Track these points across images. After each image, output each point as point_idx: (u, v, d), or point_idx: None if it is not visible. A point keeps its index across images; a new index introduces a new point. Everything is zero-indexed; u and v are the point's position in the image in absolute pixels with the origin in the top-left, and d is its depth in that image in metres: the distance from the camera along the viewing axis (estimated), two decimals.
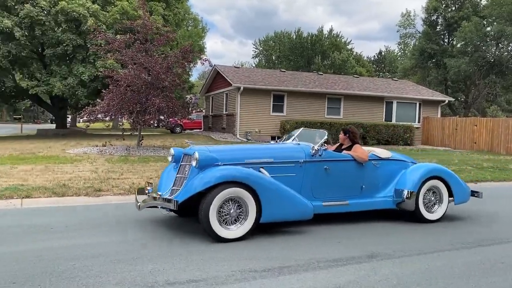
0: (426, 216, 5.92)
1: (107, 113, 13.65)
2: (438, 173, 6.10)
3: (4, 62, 18.05)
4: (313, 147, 5.51)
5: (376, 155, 6.09)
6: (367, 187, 5.89)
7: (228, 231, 4.71)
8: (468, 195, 6.35)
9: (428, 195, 5.99)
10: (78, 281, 3.54)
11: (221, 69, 24.52)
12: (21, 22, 18.01)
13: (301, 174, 5.47)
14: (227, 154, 5.34)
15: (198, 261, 4.12)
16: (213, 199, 4.61)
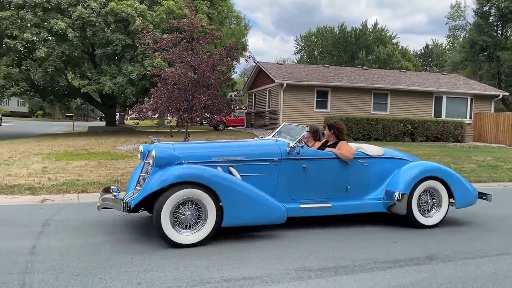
0: (420, 221, 5.29)
1: (155, 110, 13.96)
2: (435, 173, 5.42)
3: (58, 63, 18.89)
4: (288, 144, 5.02)
5: (364, 152, 5.51)
6: (354, 188, 5.33)
7: (182, 235, 4.32)
8: (475, 198, 5.63)
9: (425, 197, 5.36)
10: (136, 275, 3.62)
11: (264, 66, 24.51)
12: (74, 23, 18.77)
13: (276, 174, 5.01)
14: (192, 152, 4.95)
15: (252, 258, 4.11)
16: (165, 201, 4.24)
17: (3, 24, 18.25)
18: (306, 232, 5.02)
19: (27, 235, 4.71)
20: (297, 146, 5.03)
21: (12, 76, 18.97)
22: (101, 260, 3.94)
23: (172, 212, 4.29)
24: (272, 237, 4.85)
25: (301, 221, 5.30)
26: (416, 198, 5.27)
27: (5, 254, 4.04)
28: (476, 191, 5.68)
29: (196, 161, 4.76)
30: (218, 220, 4.41)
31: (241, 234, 4.89)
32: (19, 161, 10.72)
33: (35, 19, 18.54)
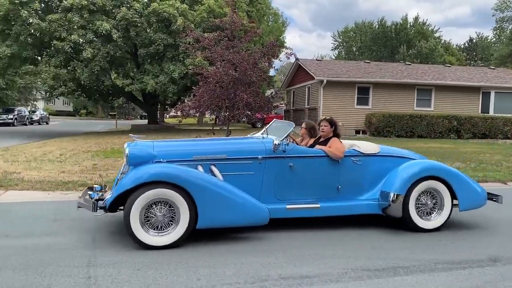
0: (419, 224, 4.89)
1: (198, 108, 14.14)
2: (435, 172, 4.99)
3: (103, 63, 19.51)
4: (273, 141, 4.77)
5: (357, 150, 5.16)
6: (346, 188, 5.01)
7: (152, 236, 4.17)
8: (483, 199, 5.18)
9: (424, 198, 4.96)
10: (195, 270, 3.67)
11: (303, 63, 24.33)
12: (118, 24, 19.33)
13: (260, 173, 4.78)
14: (172, 150, 4.80)
15: (308, 256, 4.08)
16: (134, 200, 4.11)
17: (52, 26, 19.02)
18: (359, 232, 4.92)
19: (85, 230, 4.87)
20: (282, 144, 4.77)
21: (60, 77, 19.78)
22: (160, 256, 4.02)
23: (143, 212, 4.15)
24: (318, 235, 4.79)
25: (339, 220, 5.23)
26: (413, 199, 4.88)
27: (68, 249, 4.19)
28: (485, 192, 5.22)
29: (175, 160, 4.61)
30: (191, 222, 4.22)
31: (293, 233, 4.87)
32: (70, 158, 11.15)
33: (81, 21, 19.21)
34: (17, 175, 8.38)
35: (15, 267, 3.65)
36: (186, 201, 4.18)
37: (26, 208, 6.05)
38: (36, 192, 7.12)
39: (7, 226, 5.02)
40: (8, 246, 4.24)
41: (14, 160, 10.43)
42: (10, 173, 8.54)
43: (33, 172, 8.79)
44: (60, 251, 4.09)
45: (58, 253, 4.04)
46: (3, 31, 20.31)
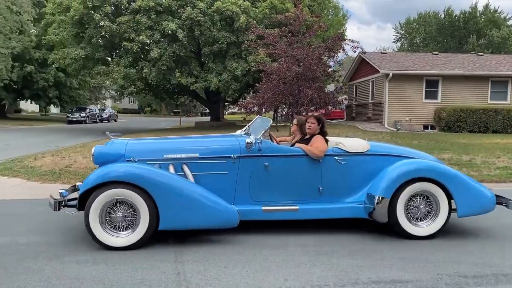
0: (407, 230, 4.45)
1: (261, 105, 14.18)
2: (428, 173, 4.48)
3: (170, 62, 20.12)
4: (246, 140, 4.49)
5: (341, 148, 4.74)
6: (328, 189, 4.66)
7: (112, 236, 4.07)
8: (490, 204, 4.61)
9: (417, 202, 4.51)
10: (282, 271, 3.63)
11: (366, 56, 23.61)
12: (183, 24, 19.83)
13: (234, 172, 4.55)
14: (143, 149, 4.68)
15: (398, 259, 3.91)
16: (93, 200, 4.02)
17: (121, 28, 19.90)
18: (442, 235, 4.65)
19: None
20: (255, 142, 4.48)
21: (129, 76, 20.64)
22: (246, 254, 4.03)
23: (103, 212, 4.08)
24: (400, 238, 4.56)
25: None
26: (402, 203, 4.44)
27: (155, 244, 4.31)
28: (493, 196, 4.63)
29: (147, 159, 4.51)
30: (152, 223, 4.09)
31: (375, 234, 4.70)
32: None
33: (149, 22, 19.92)
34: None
35: (107, 262, 3.81)
36: (146, 202, 4.06)
37: None
38: None
39: None
40: None
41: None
42: (91, 169, 9.02)
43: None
44: (149, 246, 4.22)
45: (147, 248, 4.17)
46: (78, 34, 21.54)
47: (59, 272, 3.55)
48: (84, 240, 4.32)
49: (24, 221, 5.20)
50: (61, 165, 9.61)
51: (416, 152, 5.21)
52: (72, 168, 9.27)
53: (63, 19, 21.06)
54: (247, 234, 4.61)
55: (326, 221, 4.75)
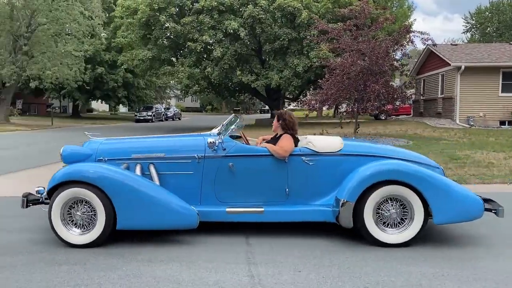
0: (376, 237, 4.09)
1: (325, 102, 13.87)
2: (397, 175, 4.08)
3: (232, 61, 20.35)
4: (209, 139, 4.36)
5: (309, 148, 4.43)
6: (296, 191, 4.39)
7: (73, 234, 4.12)
8: (475, 211, 4.11)
9: (389, 207, 4.12)
10: (361, 277, 3.43)
11: (435, 48, 22.38)
12: (245, 22, 19.96)
13: (199, 173, 4.43)
14: (113, 148, 4.65)
15: (484, 268, 3.56)
16: (55, 199, 4.10)
17: (186, 29, 20.41)
18: None
19: (239, 227, 4.94)
20: (217, 141, 4.35)
21: (194, 76, 21.14)
22: (320, 259, 3.87)
23: (64, 210, 4.12)
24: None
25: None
26: (371, 207, 4.09)
27: (225, 245, 4.26)
28: (479, 203, 4.12)
29: (116, 158, 4.51)
30: (109, 222, 4.07)
31: (443, 235, 4.34)
32: None
33: (211, 21, 20.26)
34: None
35: (182, 261, 3.81)
36: (102, 201, 4.06)
37: None
38: None
39: None
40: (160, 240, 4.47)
41: None
42: None
43: None
44: (221, 246, 4.18)
45: (220, 247, 4.15)
46: (145, 36, 22.41)
47: (137, 270, 3.59)
48: (153, 237, 4.38)
49: None
50: None
51: (405, 152, 4.76)
52: None
53: (131, 21, 22.00)
54: (320, 237, 4.45)
55: None
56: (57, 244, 4.19)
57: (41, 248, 4.13)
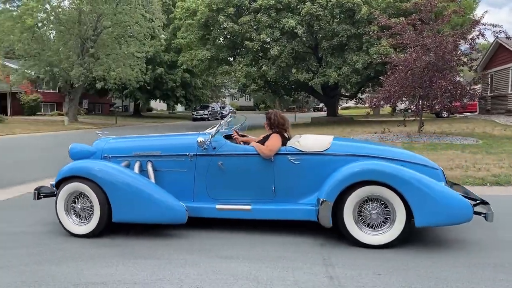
0: (356, 237, 4.07)
1: (388, 99, 13.43)
2: (377, 176, 4.01)
3: (289, 59, 20.27)
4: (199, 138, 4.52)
5: (295, 147, 4.45)
6: (282, 190, 4.45)
7: (74, 225, 4.49)
8: (462, 215, 3.91)
9: (372, 207, 4.08)
10: (446, 284, 3.25)
11: (505, 41, 21.01)
12: (302, 20, 19.80)
13: (192, 170, 4.62)
14: (116, 146, 4.95)
15: None
16: (60, 192, 4.52)
17: (243, 28, 20.58)
18: None
19: (320, 229, 4.87)
20: (207, 140, 4.51)
21: (251, 75, 21.28)
22: (400, 260, 3.73)
23: (68, 202, 4.51)
24: None
25: None
26: (351, 208, 4.08)
27: (302, 245, 4.21)
28: (467, 207, 3.91)
29: (118, 155, 4.83)
30: (104, 215, 4.36)
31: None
32: None
33: (269, 20, 20.28)
34: None
35: (262, 259, 3.81)
36: (97, 195, 4.36)
37: None
38: None
39: None
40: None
41: None
42: None
43: None
44: (298, 247, 4.14)
45: (296, 247, 4.11)
46: (203, 37, 22.88)
47: (215, 266, 3.64)
48: (234, 234, 4.41)
49: None
50: None
51: (398, 152, 4.56)
52: None
53: (190, 23, 22.52)
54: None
55: None
56: (139, 239, 4.36)
57: (121, 242, 4.31)
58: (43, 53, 25.93)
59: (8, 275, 3.51)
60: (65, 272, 3.54)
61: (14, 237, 4.54)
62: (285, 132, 4.74)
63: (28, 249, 4.13)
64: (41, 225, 4.93)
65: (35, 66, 27.00)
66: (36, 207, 5.53)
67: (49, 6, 25.91)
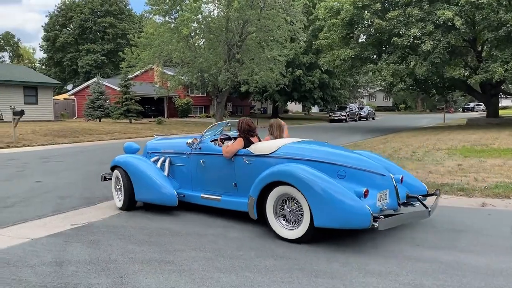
0: (276, 231, 4.56)
1: None
2: (284, 177, 4.45)
3: (443, 54, 18.39)
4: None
5: (248, 150, 5.14)
6: (241, 185, 5.13)
7: (118, 201, 6.14)
8: (356, 220, 4.02)
9: (286, 205, 4.52)
10: None
11: None
12: (461, 10, 17.77)
13: (189, 165, 5.77)
14: (154, 145, 6.49)
15: None
16: (111, 175, 6.33)
17: (391, 24, 19.34)
18: None
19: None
20: (196, 142, 5.69)
21: (398, 73, 19.90)
22: None
23: (116, 183, 6.19)
24: None
25: None
26: (272, 204, 4.60)
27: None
28: (364, 213, 3.95)
29: (153, 152, 6.33)
30: (130, 194, 5.88)
31: None
32: (426, 156, 10.67)
33: (421, 13, 18.69)
34: None
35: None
36: (123, 179, 5.94)
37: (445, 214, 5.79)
38: None
39: (425, 235, 4.74)
40: (434, 259, 3.87)
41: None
42: None
43: None
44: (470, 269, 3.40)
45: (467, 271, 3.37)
46: (346, 36, 22.20)
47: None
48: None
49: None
50: None
51: (345, 156, 4.72)
52: None
53: (334, 22, 22.03)
54: None
55: None
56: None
57: (296, 255, 4.06)
58: (195, 60, 28.13)
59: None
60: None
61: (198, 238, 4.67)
62: (252, 137, 5.47)
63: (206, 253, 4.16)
64: (221, 227, 5.01)
65: (189, 72, 29.44)
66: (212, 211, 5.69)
67: (201, 16, 28.00)
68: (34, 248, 4.39)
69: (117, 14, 55.59)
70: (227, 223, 5.23)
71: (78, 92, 38.90)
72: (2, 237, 4.84)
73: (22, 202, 6.57)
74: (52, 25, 56.46)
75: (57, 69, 57.50)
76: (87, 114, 28.85)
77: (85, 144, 16.57)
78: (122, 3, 57.31)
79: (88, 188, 7.62)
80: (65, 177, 8.77)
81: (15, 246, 4.47)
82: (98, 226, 5.25)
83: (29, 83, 28.39)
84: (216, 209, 5.47)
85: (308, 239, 4.33)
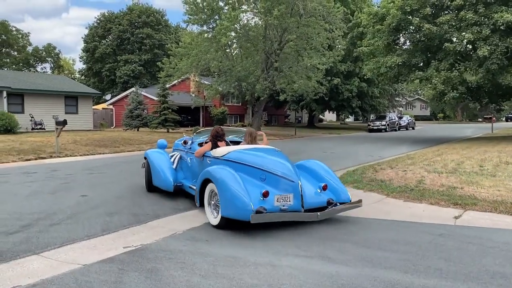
0: (208, 217, 5.75)
1: None
2: (209, 175, 5.67)
3: (502, 60, 17.14)
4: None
5: (210, 153, 6.49)
6: None
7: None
8: (243, 213, 5.01)
9: (213, 198, 5.72)
10: None
11: None
12: None
13: (185, 161, 7.46)
14: (177, 144, 8.14)
15: None
16: (144, 163, 8.35)
17: (442, 29, 18.27)
18: None
19: None
20: (189, 142, 7.52)
21: (451, 80, 18.75)
22: None
23: (145, 169, 8.27)
24: None
25: None
26: (207, 196, 5.79)
27: None
28: (249, 210, 4.97)
29: (175, 148, 8.05)
30: (147, 180, 8.07)
31: None
32: (499, 172, 9.63)
33: (475, 17, 17.55)
34: (461, 190, 7.56)
35: None
36: (146, 167, 8.11)
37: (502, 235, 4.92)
38: (504, 216, 6.00)
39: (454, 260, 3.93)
40: None
41: (434, 170, 9.88)
42: (452, 187, 7.83)
43: (478, 187, 7.75)
44: None
45: None
46: (390, 43, 21.23)
47: None
48: None
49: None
50: (410, 180, 8.80)
51: (275, 164, 5.59)
52: (425, 185, 8.23)
53: (379, 28, 21.11)
54: None
55: None
56: None
57: None
58: (233, 69, 27.75)
59: None
60: None
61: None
62: (219, 142, 6.87)
63: None
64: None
65: (226, 81, 29.10)
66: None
67: (239, 24, 27.65)
68: (88, 278, 3.84)
69: (154, 25, 56.34)
70: (299, 251, 4.54)
71: (116, 101, 39.31)
72: (51, 261, 4.33)
73: (69, 219, 6.10)
74: (91, 36, 57.82)
75: (95, 79, 58.76)
76: (126, 124, 28.90)
77: (126, 154, 16.30)
78: (159, 14, 58.12)
79: (136, 204, 7.12)
80: (110, 191, 8.33)
81: (66, 274, 3.94)
82: (153, 250, 4.67)
83: (70, 93, 28.75)
84: (279, 227, 5.48)
85: (222, 226, 5.37)
